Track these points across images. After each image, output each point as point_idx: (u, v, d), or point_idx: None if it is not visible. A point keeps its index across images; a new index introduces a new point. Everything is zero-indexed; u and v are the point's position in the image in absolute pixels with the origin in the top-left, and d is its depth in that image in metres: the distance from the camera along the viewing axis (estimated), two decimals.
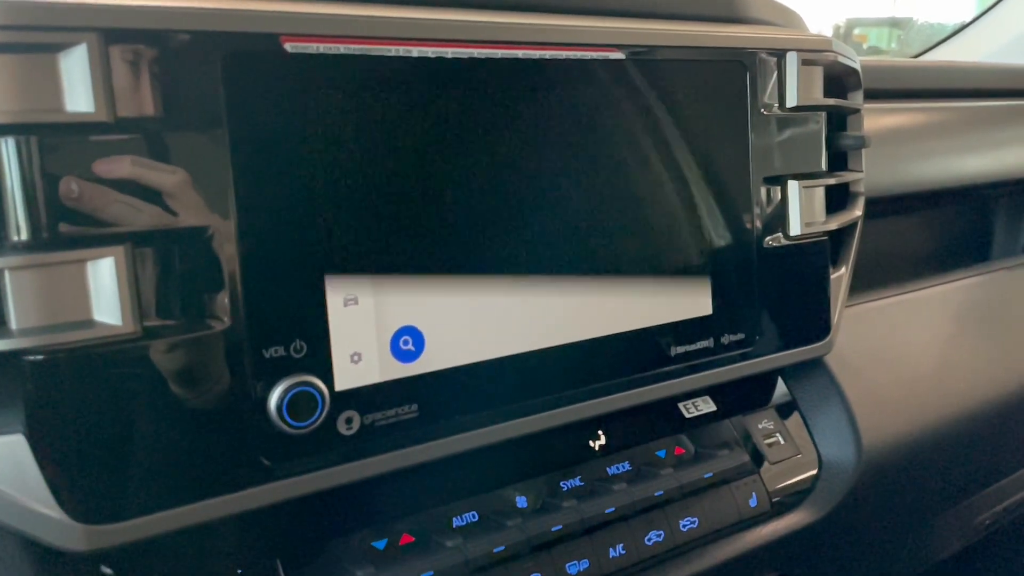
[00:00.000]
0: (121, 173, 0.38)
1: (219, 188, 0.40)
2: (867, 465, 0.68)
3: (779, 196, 0.62)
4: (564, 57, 0.50)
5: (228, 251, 0.40)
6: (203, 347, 0.40)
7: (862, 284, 0.80)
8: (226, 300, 0.40)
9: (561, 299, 0.51)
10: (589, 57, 0.51)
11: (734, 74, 0.58)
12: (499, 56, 0.48)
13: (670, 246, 0.56)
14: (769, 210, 0.61)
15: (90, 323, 0.37)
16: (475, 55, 0.47)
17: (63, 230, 0.36)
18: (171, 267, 0.39)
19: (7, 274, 0.36)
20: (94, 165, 0.37)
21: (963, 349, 0.82)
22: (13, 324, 0.36)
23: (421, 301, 0.46)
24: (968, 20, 1.44)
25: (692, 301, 0.57)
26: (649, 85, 0.54)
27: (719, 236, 0.58)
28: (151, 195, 0.38)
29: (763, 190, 0.60)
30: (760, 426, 0.66)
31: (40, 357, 0.36)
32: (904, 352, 0.78)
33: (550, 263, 0.50)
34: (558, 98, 0.50)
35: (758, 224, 0.60)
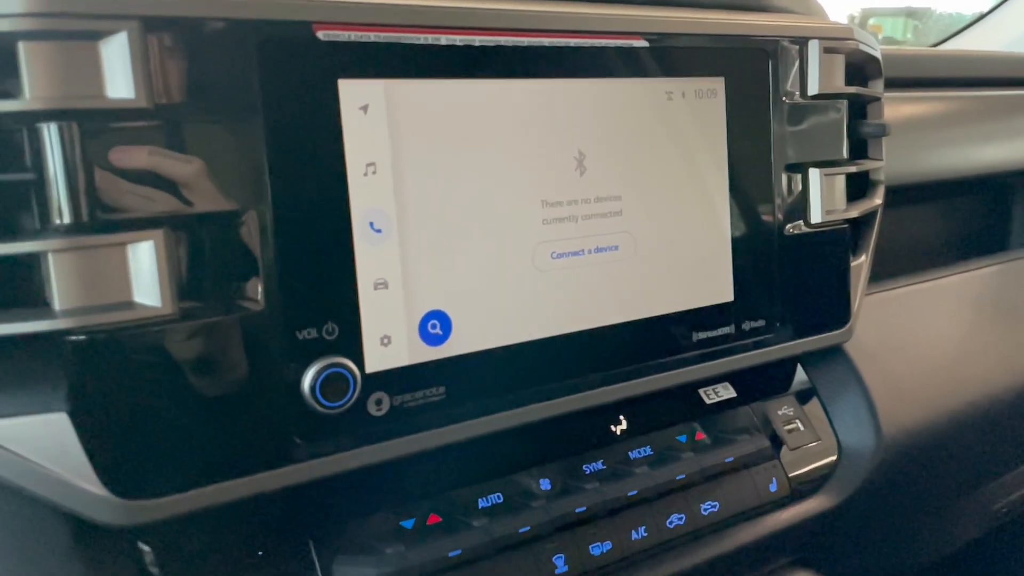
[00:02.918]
0: (158, 159, 0.38)
1: (254, 173, 0.41)
2: (886, 452, 0.68)
3: (800, 184, 0.62)
4: (589, 45, 0.51)
5: (263, 235, 0.41)
6: (239, 329, 0.41)
7: (881, 272, 0.80)
8: (261, 283, 0.41)
9: (585, 286, 0.52)
10: (614, 45, 0.51)
11: (756, 62, 0.58)
12: (525, 44, 0.48)
13: (692, 233, 0.56)
14: (790, 198, 0.61)
15: (130, 304, 0.38)
16: (503, 43, 0.47)
17: (104, 214, 0.37)
18: (208, 250, 0.40)
19: (50, 256, 0.37)
20: (133, 152, 0.38)
21: (981, 337, 0.82)
22: (56, 305, 0.37)
23: (449, 286, 0.47)
24: (985, 10, 1.43)
25: (713, 288, 0.58)
26: (672, 73, 0.54)
27: (740, 223, 0.59)
28: (188, 180, 0.39)
29: (784, 178, 0.61)
30: (780, 412, 0.66)
31: (82, 337, 0.37)
32: (923, 340, 0.78)
33: (574, 248, 0.51)
34: (583, 84, 0.50)
35: (779, 212, 0.61)
